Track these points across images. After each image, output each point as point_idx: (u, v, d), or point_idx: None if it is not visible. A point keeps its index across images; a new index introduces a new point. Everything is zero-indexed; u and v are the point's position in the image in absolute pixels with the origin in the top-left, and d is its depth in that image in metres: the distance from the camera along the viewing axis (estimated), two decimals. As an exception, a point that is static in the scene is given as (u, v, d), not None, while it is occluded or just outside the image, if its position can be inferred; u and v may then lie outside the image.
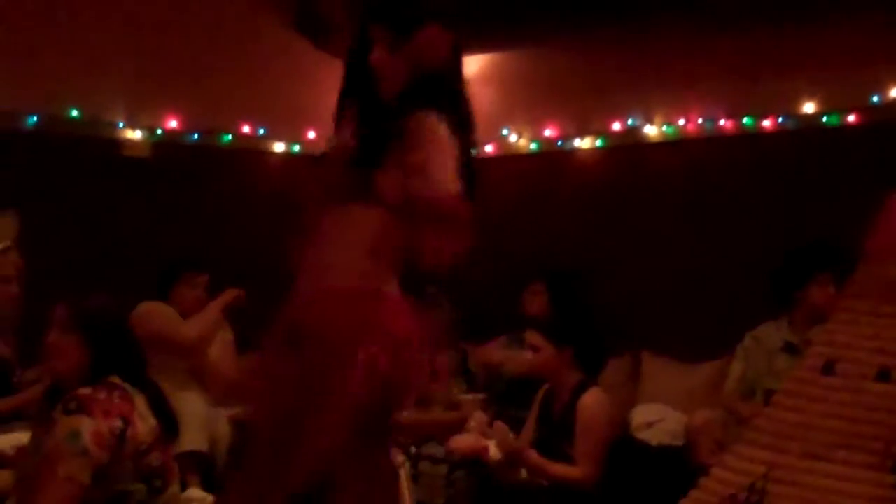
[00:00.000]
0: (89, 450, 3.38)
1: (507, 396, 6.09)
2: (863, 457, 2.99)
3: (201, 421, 5.48)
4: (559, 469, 4.77)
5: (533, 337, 5.09)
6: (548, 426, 5.01)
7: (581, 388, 4.92)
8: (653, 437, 5.78)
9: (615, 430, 5.10)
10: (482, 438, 5.21)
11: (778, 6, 6.01)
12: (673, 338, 6.35)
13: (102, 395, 3.50)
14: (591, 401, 4.86)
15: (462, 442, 5.19)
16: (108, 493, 3.46)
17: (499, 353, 6.52)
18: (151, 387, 3.73)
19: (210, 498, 4.31)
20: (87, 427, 3.40)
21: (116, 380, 3.59)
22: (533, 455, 4.83)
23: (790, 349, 5.09)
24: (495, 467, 5.04)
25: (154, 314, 5.38)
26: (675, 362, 6.37)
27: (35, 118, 6.45)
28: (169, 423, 3.70)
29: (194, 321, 5.45)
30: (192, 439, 5.24)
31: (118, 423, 3.46)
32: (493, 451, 5.06)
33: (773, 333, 5.27)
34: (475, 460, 5.11)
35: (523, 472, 4.94)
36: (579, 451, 4.78)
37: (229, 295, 5.54)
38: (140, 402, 3.59)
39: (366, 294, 3.06)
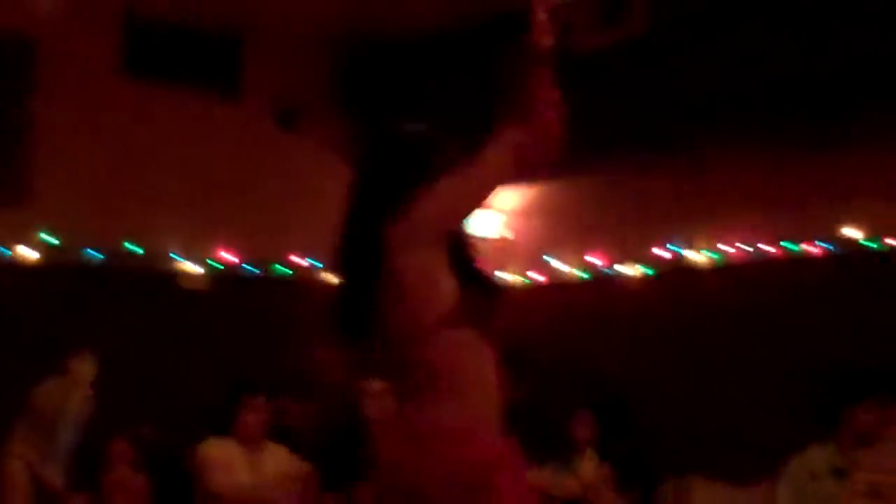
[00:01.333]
0: None
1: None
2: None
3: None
4: None
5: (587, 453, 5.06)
6: None
7: None
8: (703, 561, 5.69)
9: None
10: None
11: (821, 134, 6.01)
12: (721, 461, 6.26)
13: None
14: None
15: None
16: None
17: (547, 478, 6.46)
18: None
19: None
20: None
21: None
22: None
23: (837, 473, 4.99)
24: None
25: (209, 466, 5.38)
26: (724, 485, 6.27)
27: (97, 253, 6.55)
28: None
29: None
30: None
31: None
32: None
33: (819, 458, 5.17)
34: None
35: None
36: None
37: None
38: None
39: None
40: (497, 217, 7.71)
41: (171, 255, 6.86)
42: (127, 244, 6.69)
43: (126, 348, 5.98)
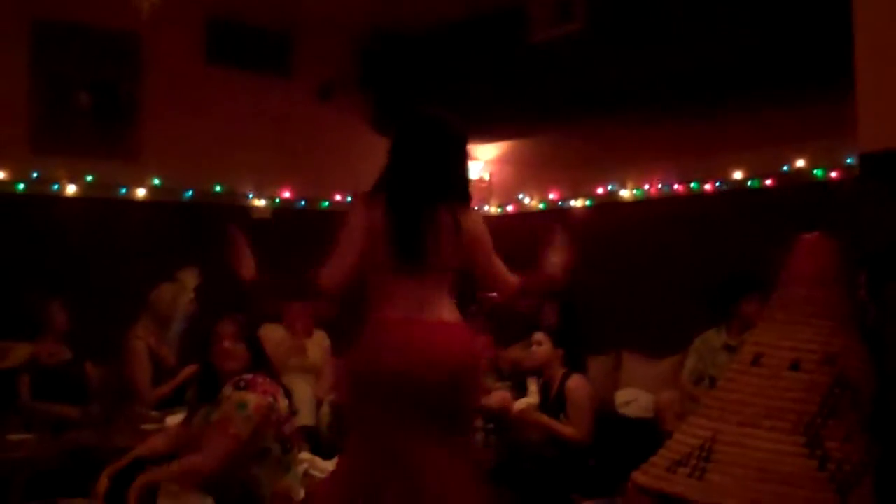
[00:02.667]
0: (252, 415, 3.47)
1: (524, 384, 6.12)
2: (781, 425, 3.00)
3: (310, 405, 5.56)
4: (561, 427, 4.88)
5: (538, 336, 5.14)
6: (546, 406, 5.06)
7: (566, 377, 4.97)
8: (630, 412, 5.79)
9: (597, 402, 5.14)
10: (508, 397, 5.28)
11: (716, 104, 6.03)
12: (644, 340, 6.35)
13: (260, 380, 3.60)
14: (575, 384, 4.97)
15: (493, 399, 5.25)
16: (256, 448, 3.54)
17: (519, 353, 6.55)
18: (278, 378, 3.82)
19: (318, 460, 4.36)
20: (252, 400, 3.49)
21: (263, 372, 3.69)
22: (544, 418, 4.94)
23: (728, 349, 5.09)
24: (515, 424, 5.09)
25: (267, 339, 5.45)
26: (646, 357, 6.38)
27: (190, 192, 6.59)
28: (291, 405, 3.78)
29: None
30: (304, 417, 5.32)
31: (270, 399, 3.55)
32: (516, 407, 5.13)
33: (715, 337, 5.27)
34: (501, 422, 5.15)
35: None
36: (572, 420, 4.88)
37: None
38: (279, 387, 3.68)
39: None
40: (479, 164, 7.77)
41: (245, 193, 6.94)
42: (212, 185, 6.76)
43: (214, 262, 6.02)
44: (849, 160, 5.60)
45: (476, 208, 3.32)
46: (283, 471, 3.64)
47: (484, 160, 7.81)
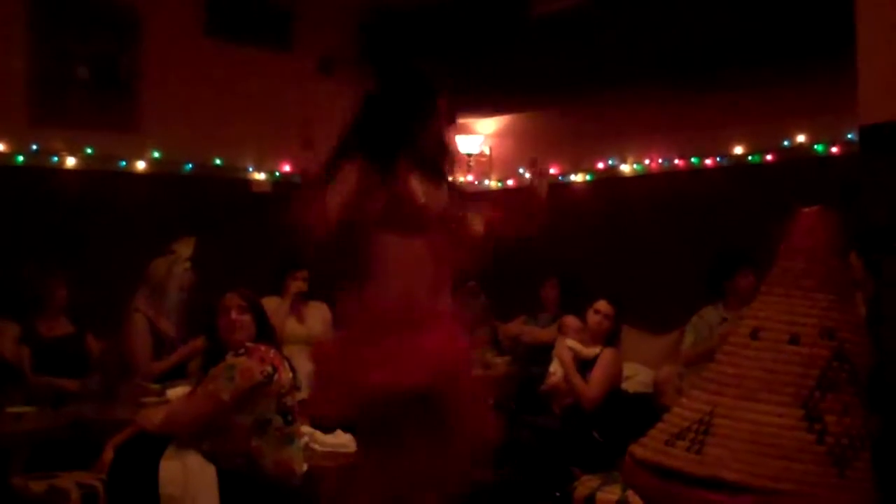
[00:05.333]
0: (235, 378, 3.49)
1: (524, 358, 6.13)
2: (780, 398, 3.00)
3: (310, 379, 5.55)
4: (580, 381, 5.02)
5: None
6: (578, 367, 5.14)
7: (604, 347, 5.13)
8: (630, 386, 5.80)
9: (619, 381, 5.22)
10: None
11: (717, 79, 6.01)
12: (644, 315, 6.35)
13: (263, 349, 3.61)
14: (609, 355, 5.10)
15: (569, 322, 5.45)
16: (257, 417, 3.55)
17: (519, 327, 6.56)
18: (281, 350, 3.84)
19: (318, 434, 4.37)
20: (242, 364, 3.51)
21: (268, 343, 3.71)
22: (572, 366, 5.07)
23: (726, 323, 5.09)
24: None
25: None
26: (646, 333, 6.38)
27: (190, 165, 6.57)
28: (295, 378, 3.80)
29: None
30: (304, 391, 5.32)
31: (269, 369, 3.57)
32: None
33: (712, 313, 5.26)
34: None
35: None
36: (592, 382, 4.99)
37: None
38: (284, 360, 3.69)
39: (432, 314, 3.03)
40: (480, 138, 7.75)
41: (245, 167, 6.92)
42: (212, 158, 6.73)
43: (213, 234, 6.02)
44: (850, 135, 5.59)
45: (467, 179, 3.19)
46: (285, 442, 3.65)
47: (484, 134, 7.79)
